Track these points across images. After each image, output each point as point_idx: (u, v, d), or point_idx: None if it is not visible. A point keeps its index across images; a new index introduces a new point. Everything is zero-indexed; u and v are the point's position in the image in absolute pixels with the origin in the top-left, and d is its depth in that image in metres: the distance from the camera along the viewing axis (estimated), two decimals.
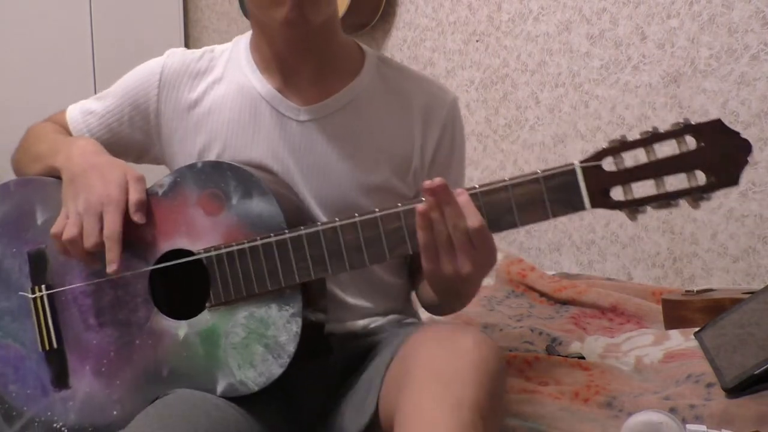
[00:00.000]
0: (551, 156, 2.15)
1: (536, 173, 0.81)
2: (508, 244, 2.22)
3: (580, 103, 2.08)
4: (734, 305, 1.28)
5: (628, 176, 0.79)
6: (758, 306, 1.21)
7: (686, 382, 1.13)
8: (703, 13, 1.81)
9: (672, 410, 1.00)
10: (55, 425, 0.93)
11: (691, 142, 0.77)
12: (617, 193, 0.80)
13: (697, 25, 1.82)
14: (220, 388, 0.88)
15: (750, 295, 1.29)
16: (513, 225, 0.82)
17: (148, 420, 0.82)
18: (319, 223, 0.86)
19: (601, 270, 2.03)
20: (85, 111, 1.09)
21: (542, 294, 1.83)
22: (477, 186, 0.82)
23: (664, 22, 1.88)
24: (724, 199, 1.79)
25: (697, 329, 1.31)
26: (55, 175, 0.97)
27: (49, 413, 0.94)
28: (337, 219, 0.85)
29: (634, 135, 0.78)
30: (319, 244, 0.86)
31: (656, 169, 0.78)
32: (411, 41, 2.50)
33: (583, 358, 1.33)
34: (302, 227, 0.86)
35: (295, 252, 0.86)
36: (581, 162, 0.80)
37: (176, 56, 1.05)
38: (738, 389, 1.03)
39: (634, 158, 0.79)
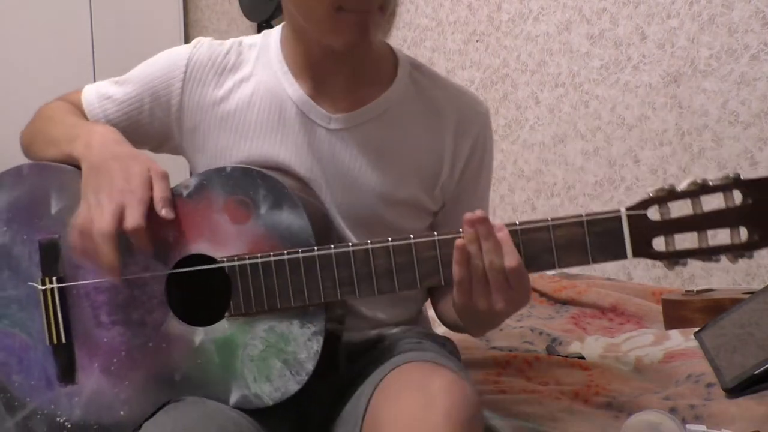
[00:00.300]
0: (551, 156, 2.15)
1: (580, 216, 0.79)
2: None
3: (580, 103, 2.08)
4: (734, 305, 1.28)
5: (672, 227, 0.78)
6: (758, 306, 1.21)
7: (686, 382, 1.13)
8: (703, 13, 1.81)
9: (672, 410, 1.00)
10: (58, 419, 0.92)
11: (737, 196, 0.76)
12: (659, 243, 0.78)
13: (697, 25, 1.82)
14: (234, 398, 0.86)
15: (750, 295, 1.29)
16: (551, 266, 0.80)
17: (162, 429, 0.81)
18: (350, 244, 0.84)
19: (601, 270, 2.03)
20: (102, 95, 1.04)
21: (542, 294, 1.83)
22: (517, 223, 0.80)
23: (664, 22, 1.88)
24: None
25: (697, 329, 1.31)
26: (72, 163, 0.93)
27: (52, 407, 0.92)
28: (369, 241, 0.83)
29: (679, 182, 0.77)
30: (348, 266, 0.83)
31: (701, 222, 0.77)
32: (411, 41, 2.50)
33: (583, 358, 1.33)
34: (332, 246, 0.84)
35: (322, 271, 0.84)
36: (627, 209, 0.78)
37: (203, 48, 1.00)
38: (738, 389, 1.03)
39: (678, 208, 0.78)
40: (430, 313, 1.14)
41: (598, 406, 1.09)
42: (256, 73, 0.99)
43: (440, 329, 1.16)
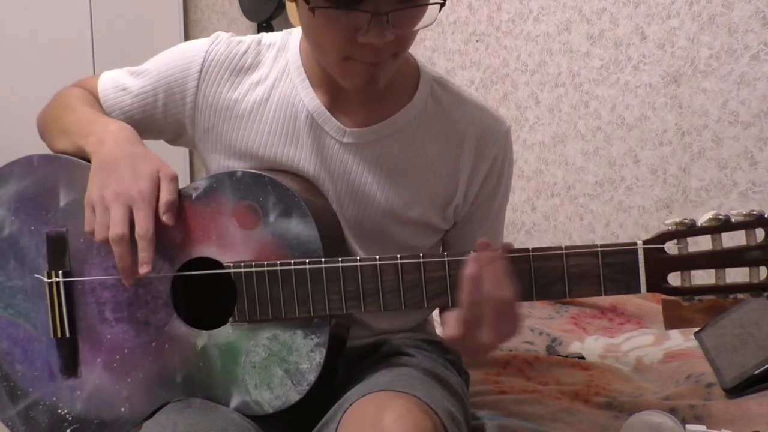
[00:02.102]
0: (551, 156, 2.15)
1: (595, 246, 0.77)
2: None
3: (580, 103, 2.08)
4: (734, 305, 1.28)
5: (689, 263, 0.76)
6: (758, 306, 1.21)
7: (686, 382, 1.14)
8: (703, 13, 1.81)
9: (672, 410, 1.00)
10: (59, 411, 0.93)
11: (760, 234, 0.74)
12: (674, 278, 0.76)
13: (697, 25, 1.82)
14: (234, 403, 0.87)
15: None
16: (562, 295, 0.78)
17: (163, 429, 0.80)
18: (358, 258, 0.83)
19: None
20: (118, 86, 1.02)
21: None
22: (530, 249, 0.78)
23: (664, 22, 1.88)
24: (724, 199, 1.79)
25: (697, 329, 1.31)
26: (83, 156, 0.93)
27: (54, 398, 0.93)
28: (377, 257, 0.82)
29: (700, 213, 0.75)
30: (355, 280, 0.83)
31: (720, 260, 0.75)
32: None
33: (583, 358, 1.33)
34: (340, 259, 0.83)
35: (329, 283, 0.83)
36: (644, 242, 0.76)
37: (221, 46, 0.98)
38: (738, 389, 1.03)
39: (696, 243, 0.76)
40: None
41: (598, 406, 1.09)
42: (273, 77, 0.98)
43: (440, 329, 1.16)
